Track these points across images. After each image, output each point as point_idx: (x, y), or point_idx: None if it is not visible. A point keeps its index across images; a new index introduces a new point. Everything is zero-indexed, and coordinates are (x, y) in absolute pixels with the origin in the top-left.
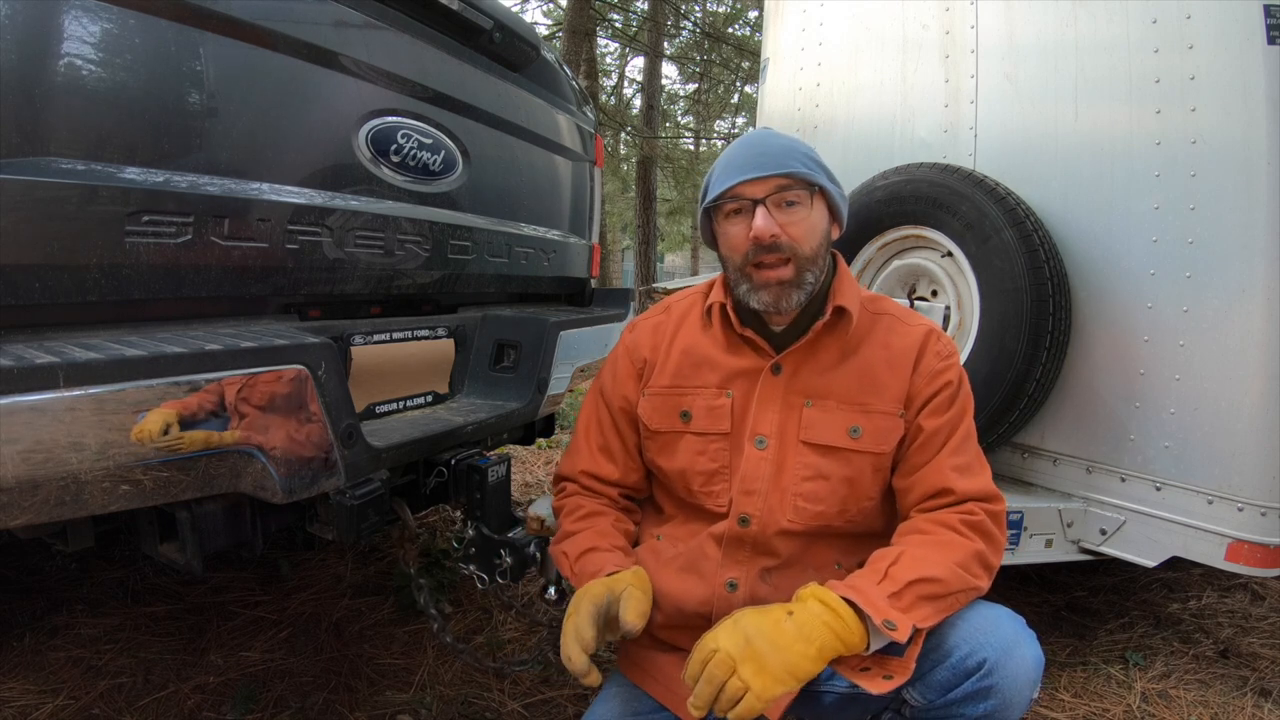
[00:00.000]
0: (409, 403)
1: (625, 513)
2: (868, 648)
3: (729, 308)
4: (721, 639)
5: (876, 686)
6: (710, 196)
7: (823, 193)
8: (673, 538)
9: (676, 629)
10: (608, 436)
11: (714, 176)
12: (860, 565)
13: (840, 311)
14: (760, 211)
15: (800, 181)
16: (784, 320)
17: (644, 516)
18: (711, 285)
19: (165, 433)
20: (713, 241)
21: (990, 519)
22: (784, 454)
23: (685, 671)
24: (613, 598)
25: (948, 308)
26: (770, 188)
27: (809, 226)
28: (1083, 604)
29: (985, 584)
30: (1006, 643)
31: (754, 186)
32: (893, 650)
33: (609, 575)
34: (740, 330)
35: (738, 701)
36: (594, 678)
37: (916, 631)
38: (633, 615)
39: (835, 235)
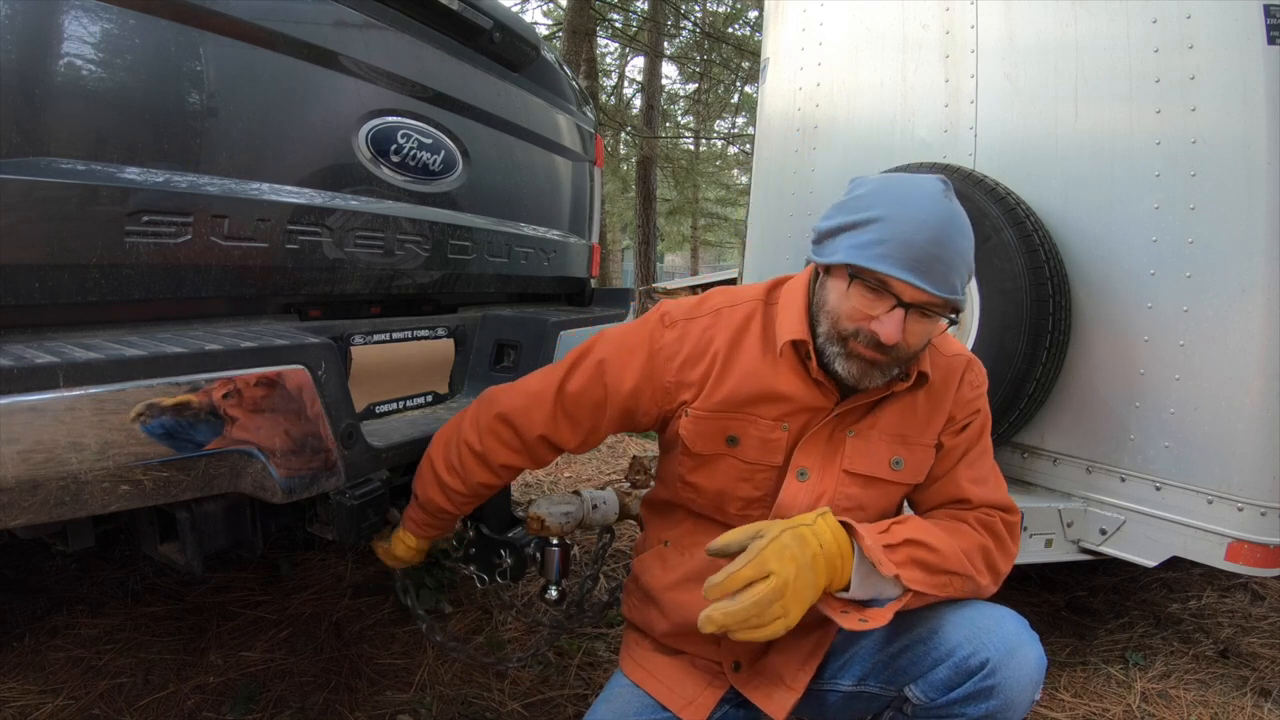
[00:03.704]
0: (409, 403)
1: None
2: (847, 587)
3: (811, 349)
4: (774, 563)
5: (850, 624)
6: (862, 260)
7: (958, 314)
8: (681, 546)
9: (681, 637)
10: (585, 412)
11: (875, 235)
12: None
13: (923, 376)
14: (897, 316)
15: (950, 306)
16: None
17: (651, 518)
18: (772, 299)
19: (165, 432)
20: (824, 271)
21: (1004, 525)
22: (824, 485)
23: (720, 581)
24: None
25: None
26: (923, 300)
27: (927, 337)
28: (1083, 604)
29: (986, 581)
30: (1009, 643)
31: (913, 292)
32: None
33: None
34: (816, 375)
35: (767, 625)
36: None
37: (906, 592)
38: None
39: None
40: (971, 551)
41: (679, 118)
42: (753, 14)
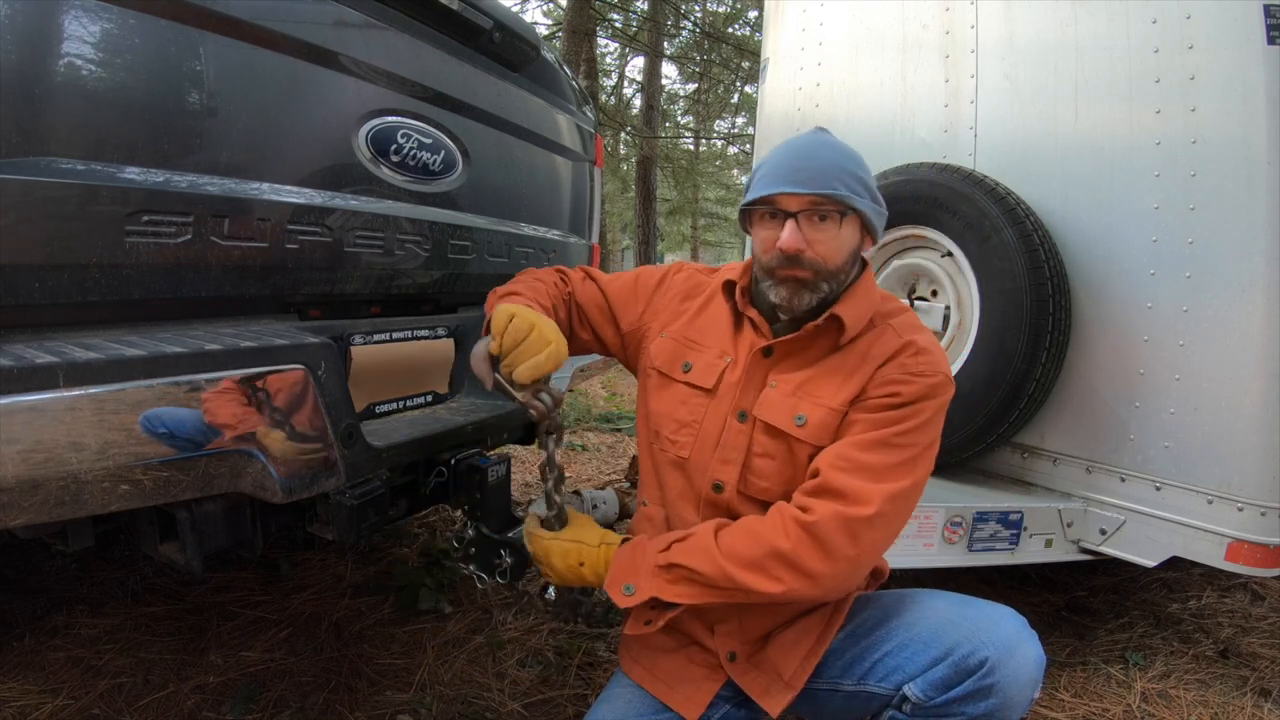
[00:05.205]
0: (409, 402)
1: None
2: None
3: (740, 288)
4: (539, 552)
5: (619, 600)
6: (749, 197)
7: (857, 212)
8: (652, 498)
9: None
10: (594, 296)
11: (758, 175)
12: None
13: (834, 319)
14: (790, 225)
15: (835, 202)
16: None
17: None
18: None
19: (165, 432)
20: (749, 232)
21: (835, 521)
22: (750, 431)
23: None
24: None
25: (948, 308)
26: (805, 204)
27: (836, 245)
28: (1083, 604)
29: (778, 587)
30: (1009, 642)
31: (790, 200)
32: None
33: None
34: (742, 309)
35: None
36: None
37: (672, 605)
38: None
39: (867, 248)
40: (758, 560)
41: (679, 118)
42: (753, 14)
